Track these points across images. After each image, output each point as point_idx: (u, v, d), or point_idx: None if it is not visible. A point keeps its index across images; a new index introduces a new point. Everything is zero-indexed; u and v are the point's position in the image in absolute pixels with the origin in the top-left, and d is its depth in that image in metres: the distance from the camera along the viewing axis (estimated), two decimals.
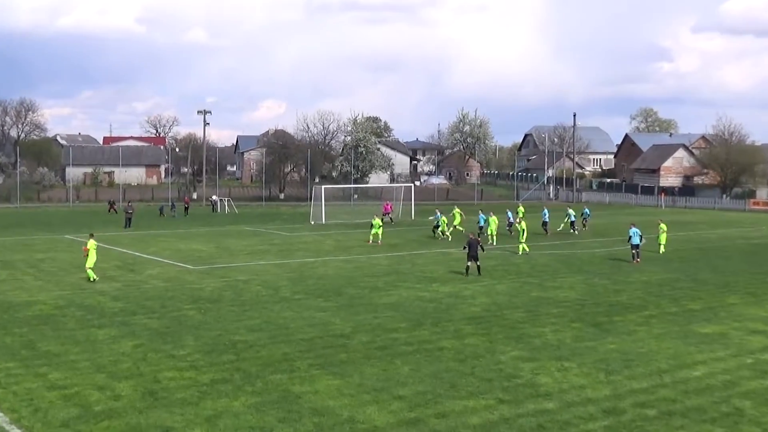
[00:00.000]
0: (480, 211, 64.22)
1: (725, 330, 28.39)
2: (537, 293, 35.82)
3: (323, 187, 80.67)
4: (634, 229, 46.88)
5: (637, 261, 45.96)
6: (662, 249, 50.42)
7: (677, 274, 42.17)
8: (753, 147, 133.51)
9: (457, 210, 64.04)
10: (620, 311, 31.49)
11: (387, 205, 79.37)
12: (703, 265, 46.12)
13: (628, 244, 47.19)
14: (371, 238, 56.50)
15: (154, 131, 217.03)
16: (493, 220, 56.12)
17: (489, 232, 55.57)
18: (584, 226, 68.15)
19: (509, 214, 65.97)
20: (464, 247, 41.76)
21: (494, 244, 53.70)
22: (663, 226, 50.79)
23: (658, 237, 50.88)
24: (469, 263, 41.19)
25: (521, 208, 69.50)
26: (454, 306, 32.11)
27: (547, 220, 64.27)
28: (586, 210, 71.61)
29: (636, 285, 38.67)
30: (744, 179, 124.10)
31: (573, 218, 66.65)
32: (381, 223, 57.36)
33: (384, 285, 37.75)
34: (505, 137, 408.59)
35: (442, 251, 51.27)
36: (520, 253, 49.39)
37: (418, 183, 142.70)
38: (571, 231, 65.29)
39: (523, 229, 49.68)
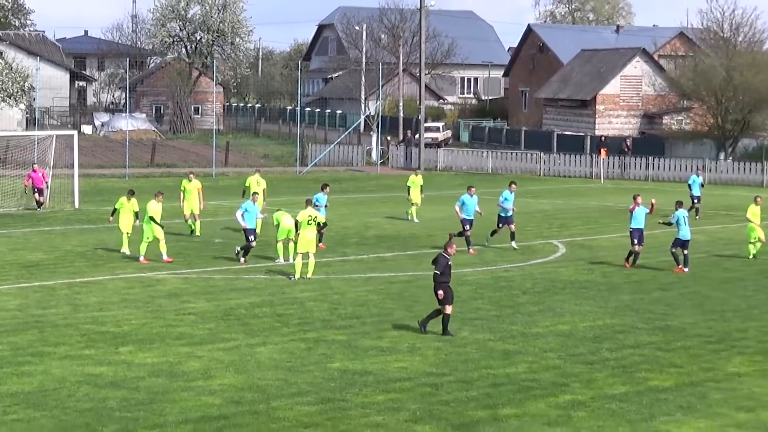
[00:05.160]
0: (512, 186, 33.10)
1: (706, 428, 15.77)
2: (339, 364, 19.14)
3: None
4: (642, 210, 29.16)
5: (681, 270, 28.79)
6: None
7: (628, 316, 23.44)
8: None
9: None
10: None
11: (35, 175, 41.46)
12: (682, 297, 25.73)
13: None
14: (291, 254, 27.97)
15: None
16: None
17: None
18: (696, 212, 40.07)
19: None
20: (433, 266, 20.83)
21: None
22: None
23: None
24: (442, 308, 20.50)
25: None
26: (168, 394, 17.42)
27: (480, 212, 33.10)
28: (696, 179, 41.02)
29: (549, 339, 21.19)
30: (762, 120, 64.79)
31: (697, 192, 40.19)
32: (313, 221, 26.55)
33: (12, 353, 20.20)
34: (276, 33, 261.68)
35: (139, 275, 27.53)
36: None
37: (89, 129, 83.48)
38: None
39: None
